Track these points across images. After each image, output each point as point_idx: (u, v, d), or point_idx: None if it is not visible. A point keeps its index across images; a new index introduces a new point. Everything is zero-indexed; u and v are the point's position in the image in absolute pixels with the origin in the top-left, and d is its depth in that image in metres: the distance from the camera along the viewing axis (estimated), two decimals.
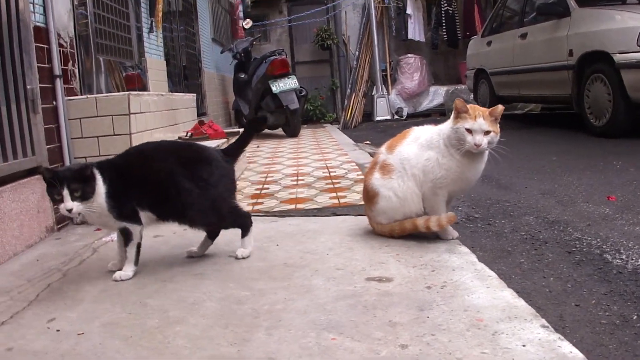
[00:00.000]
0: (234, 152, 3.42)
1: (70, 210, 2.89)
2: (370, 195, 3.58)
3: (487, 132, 3.21)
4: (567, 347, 2.02)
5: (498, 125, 3.28)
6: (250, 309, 2.57)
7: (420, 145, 3.45)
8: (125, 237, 3.17)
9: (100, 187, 3.03)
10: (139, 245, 3.22)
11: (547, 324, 2.22)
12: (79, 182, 2.92)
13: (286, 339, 2.24)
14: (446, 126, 3.38)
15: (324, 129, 13.67)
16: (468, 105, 3.27)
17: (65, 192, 2.88)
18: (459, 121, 3.25)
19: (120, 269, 3.18)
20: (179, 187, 3.10)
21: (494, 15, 12.17)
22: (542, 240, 3.64)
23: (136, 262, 3.20)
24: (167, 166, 3.14)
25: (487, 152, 3.37)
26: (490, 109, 3.28)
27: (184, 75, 9.93)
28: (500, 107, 3.29)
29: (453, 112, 3.34)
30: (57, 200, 2.91)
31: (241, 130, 6.85)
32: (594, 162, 6.14)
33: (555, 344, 2.05)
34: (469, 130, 3.20)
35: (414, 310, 2.42)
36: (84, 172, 2.95)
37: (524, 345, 2.05)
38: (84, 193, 2.93)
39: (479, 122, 3.20)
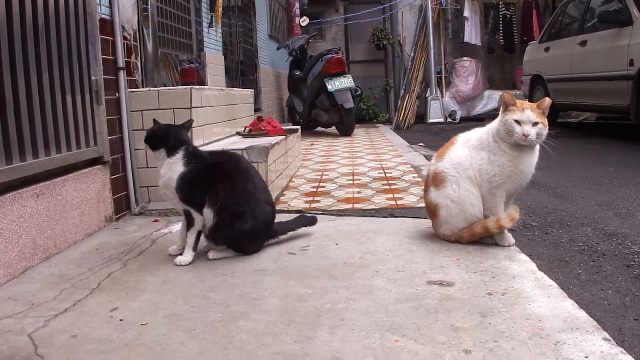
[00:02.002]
0: None
1: None
2: (431, 211, 3.61)
3: (535, 124, 3.24)
4: None
5: (546, 119, 3.30)
6: (312, 307, 2.59)
7: (472, 147, 3.47)
8: (189, 221, 3.38)
9: (178, 165, 3.34)
10: (199, 233, 3.38)
11: (608, 336, 2.21)
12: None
13: (349, 338, 2.25)
14: (494, 123, 3.43)
15: (377, 129, 13.66)
16: (516, 100, 3.32)
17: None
18: (507, 114, 3.31)
19: (181, 254, 3.37)
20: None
21: (552, 21, 12.03)
22: (600, 252, 3.59)
23: (194, 248, 3.36)
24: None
25: (537, 147, 3.39)
26: (537, 102, 3.32)
27: (241, 70, 9.97)
28: (547, 100, 3.34)
29: (501, 106, 3.39)
30: None
31: (295, 127, 6.90)
32: None
33: (617, 357, 2.04)
34: (517, 122, 3.25)
35: (476, 316, 2.42)
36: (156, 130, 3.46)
37: (586, 357, 2.04)
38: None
39: (527, 113, 3.25)
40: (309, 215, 3.88)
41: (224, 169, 3.44)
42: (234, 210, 3.31)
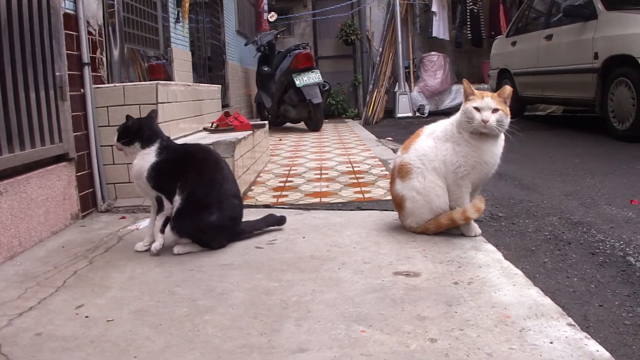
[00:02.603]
0: None
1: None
2: (398, 203, 3.62)
3: (495, 110, 3.27)
4: (593, 346, 2.03)
5: (507, 108, 3.33)
6: (278, 299, 2.59)
7: (437, 138, 3.50)
8: (159, 205, 3.42)
9: (151, 155, 3.39)
10: (167, 219, 3.41)
11: (573, 322, 2.23)
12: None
13: (316, 330, 2.25)
14: (458, 114, 3.46)
15: (346, 124, 13.68)
16: (476, 91, 3.37)
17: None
18: (468, 102, 3.35)
19: (148, 249, 3.44)
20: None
21: (519, 16, 12.11)
22: (566, 240, 3.63)
23: (162, 231, 3.41)
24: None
25: (502, 137, 3.42)
26: (498, 91, 3.37)
27: (208, 66, 9.94)
28: (508, 88, 3.39)
29: (463, 95, 3.43)
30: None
31: (263, 122, 6.90)
32: (617, 166, 6.12)
33: (582, 342, 2.06)
34: (477, 109, 3.28)
35: (442, 305, 2.43)
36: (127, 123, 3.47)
37: (551, 343, 2.06)
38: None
39: (487, 100, 3.29)
40: (278, 215, 3.86)
41: (195, 158, 3.48)
42: (200, 198, 3.33)
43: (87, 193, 4.45)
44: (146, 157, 3.37)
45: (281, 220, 3.81)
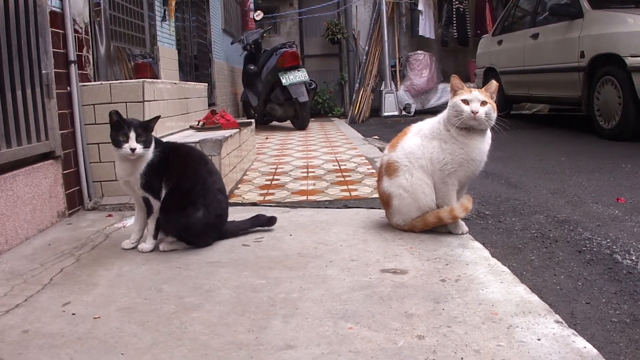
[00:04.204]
0: None
1: (133, 150, 3.23)
2: (385, 200, 3.63)
3: (483, 103, 3.28)
4: (581, 343, 2.04)
5: (494, 103, 3.36)
6: (266, 297, 2.59)
7: (424, 136, 3.51)
8: (148, 208, 3.41)
9: (149, 153, 3.36)
10: (158, 221, 3.39)
11: (560, 319, 2.24)
12: (144, 130, 3.30)
13: (303, 327, 2.25)
14: (445, 111, 3.47)
15: (332, 122, 13.68)
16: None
17: (132, 135, 3.23)
18: (456, 96, 3.37)
19: (135, 248, 3.44)
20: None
21: (505, 15, 12.15)
22: (553, 238, 3.65)
23: (155, 236, 3.41)
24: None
25: (489, 134, 3.45)
26: (485, 86, 3.40)
27: (195, 65, 9.92)
28: (494, 83, 3.42)
29: (450, 91, 3.45)
30: (120, 141, 3.25)
31: (249, 120, 6.89)
32: (603, 164, 6.15)
33: (569, 339, 2.06)
34: (466, 102, 3.29)
35: (429, 303, 2.43)
36: (150, 123, 3.36)
37: (538, 339, 2.06)
38: (147, 141, 3.30)
39: (475, 93, 3.32)
40: (268, 215, 3.81)
41: (179, 152, 3.50)
42: (185, 191, 3.35)
43: (74, 191, 4.44)
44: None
45: (271, 221, 3.77)
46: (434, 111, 13.32)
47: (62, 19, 4.39)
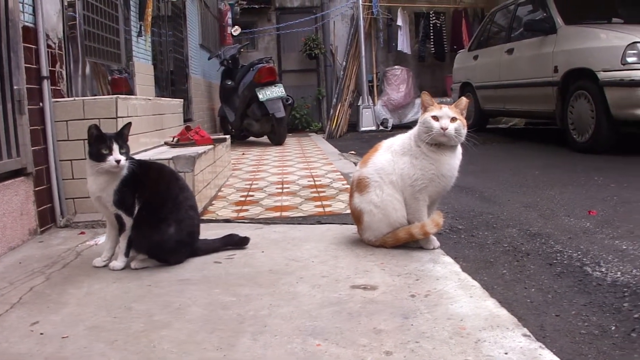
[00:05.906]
0: None
1: (118, 162, 3.23)
2: (356, 216, 3.64)
3: (453, 119, 3.31)
4: (548, 356, 2.05)
5: (464, 119, 3.39)
6: (235, 314, 2.58)
7: (394, 152, 3.52)
8: (120, 225, 3.38)
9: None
10: (130, 238, 3.37)
11: (528, 333, 2.25)
12: (123, 141, 3.32)
13: (272, 344, 2.25)
14: (416, 128, 3.49)
15: (309, 138, 13.68)
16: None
17: (115, 147, 3.24)
18: (427, 112, 3.39)
19: (105, 266, 3.42)
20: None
21: (481, 30, 12.27)
22: (524, 252, 3.66)
23: (127, 254, 3.39)
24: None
25: (459, 150, 3.47)
26: (455, 102, 3.44)
27: (171, 80, 9.89)
28: (464, 99, 3.46)
29: (421, 108, 3.48)
30: (104, 154, 3.23)
31: (224, 136, 6.89)
32: (576, 177, 6.20)
33: (536, 352, 2.08)
34: (436, 118, 3.32)
35: (398, 318, 2.44)
36: (124, 130, 3.37)
37: (506, 353, 2.08)
38: (127, 152, 3.32)
39: (444, 110, 3.34)
40: (241, 236, 3.77)
41: (151, 170, 3.50)
42: (157, 206, 3.35)
43: (46, 208, 4.41)
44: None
45: (243, 241, 3.73)
46: (411, 126, 13.41)
47: (35, 34, 4.37)
